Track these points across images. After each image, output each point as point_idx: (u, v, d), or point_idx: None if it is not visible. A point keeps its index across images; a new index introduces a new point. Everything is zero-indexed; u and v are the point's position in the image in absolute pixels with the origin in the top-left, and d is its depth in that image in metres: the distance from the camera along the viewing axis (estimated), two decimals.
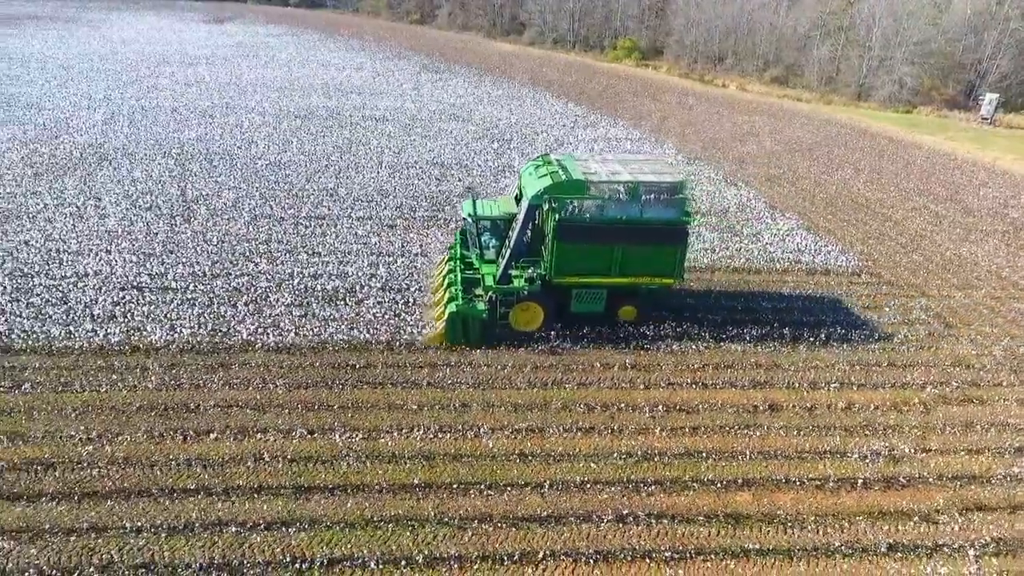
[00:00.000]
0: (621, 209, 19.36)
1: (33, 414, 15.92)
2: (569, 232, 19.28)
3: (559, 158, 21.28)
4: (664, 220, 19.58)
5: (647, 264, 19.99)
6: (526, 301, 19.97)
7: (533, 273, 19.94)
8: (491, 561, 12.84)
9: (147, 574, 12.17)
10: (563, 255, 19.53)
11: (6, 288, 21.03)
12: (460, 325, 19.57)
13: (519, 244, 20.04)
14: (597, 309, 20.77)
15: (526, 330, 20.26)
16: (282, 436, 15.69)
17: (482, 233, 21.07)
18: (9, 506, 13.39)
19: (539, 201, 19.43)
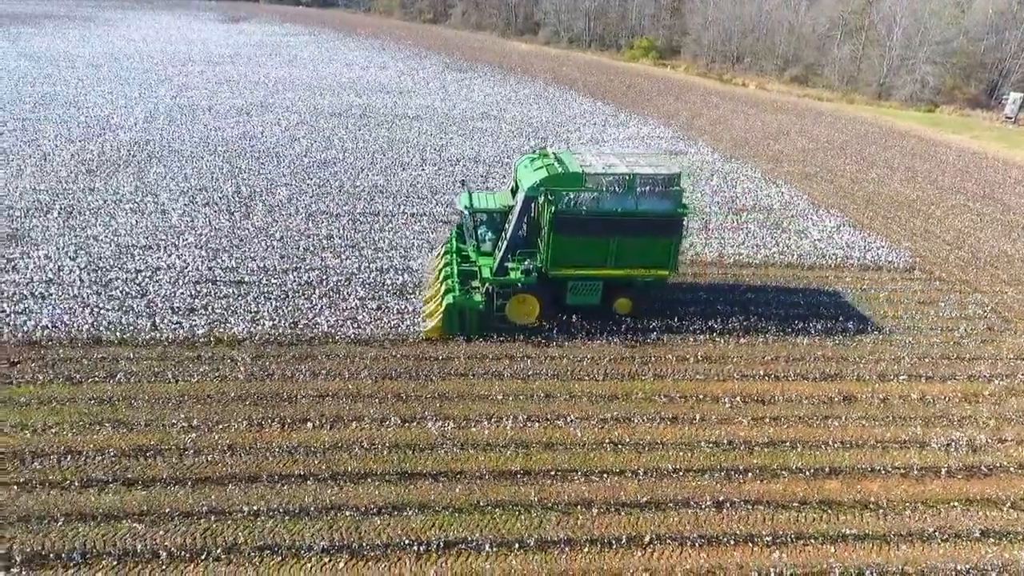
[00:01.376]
0: (617, 201, 19.50)
1: (133, 403, 16.33)
2: (565, 224, 19.46)
3: (555, 151, 21.47)
4: (659, 212, 19.76)
5: (642, 256, 20.20)
6: (522, 293, 20.11)
7: (529, 265, 20.00)
8: (599, 545, 13.22)
9: (271, 555, 12.58)
10: (559, 247, 19.72)
11: (83, 281, 21.52)
12: (457, 317, 19.72)
13: (515, 236, 20.15)
14: (593, 301, 20.94)
15: (523, 322, 20.42)
16: (377, 425, 16.10)
17: (479, 226, 21.14)
18: (127, 491, 13.79)
19: (535, 193, 19.59)
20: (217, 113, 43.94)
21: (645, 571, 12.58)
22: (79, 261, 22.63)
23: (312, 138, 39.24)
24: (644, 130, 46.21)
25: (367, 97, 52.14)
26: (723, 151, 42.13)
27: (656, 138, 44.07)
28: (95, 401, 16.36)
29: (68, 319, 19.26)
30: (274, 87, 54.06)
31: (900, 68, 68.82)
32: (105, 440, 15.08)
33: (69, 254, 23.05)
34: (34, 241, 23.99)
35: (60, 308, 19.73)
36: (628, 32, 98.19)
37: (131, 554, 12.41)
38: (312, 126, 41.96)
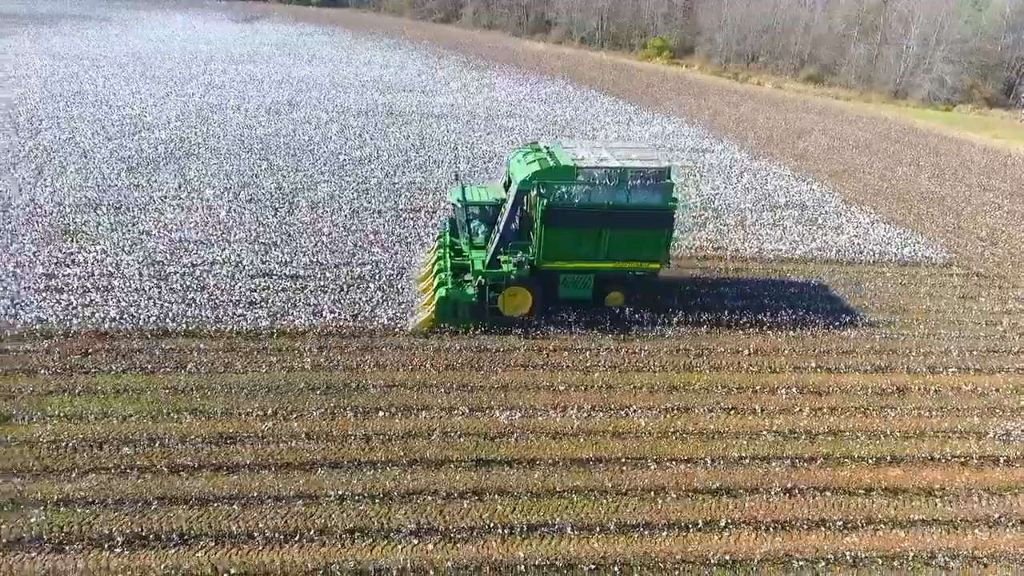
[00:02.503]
0: (608, 194, 19.67)
1: (206, 392, 16.73)
2: (556, 217, 19.64)
3: (548, 145, 21.59)
4: (650, 205, 19.94)
5: (633, 249, 20.38)
6: (515, 286, 20.25)
7: (521, 258, 20.12)
8: (677, 529, 13.58)
9: (362, 537, 12.97)
10: (551, 240, 19.91)
11: (142, 275, 21.93)
12: (450, 309, 19.90)
13: (507, 229, 20.30)
14: (584, 294, 21.08)
15: (515, 315, 20.55)
16: (446, 414, 16.48)
17: (471, 219, 21.28)
18: (214, 475, 14.19)
19: (527, 186, 19.75)
20: (246, 112, 44.31)
21: (725, 554, 12.94)
22: (136, 256, 23.04)
23: (343, 136, 39.59)
24: (669, 128, 46.52)
25: (391, 96, 52.46)
26: (749, 149, 42.41)
27: (681, 136, 44.38)
28: (170, 390, 16.78)
29: (134, 311, 19.72)
30: (298, 86, 54.41)
31: (917, 67, 69.00)
32: (186, 428, 15.51)
33: (125, 249, 23.47)
34: (88, 236, 24.41)
35: (125, 300, 20.20)
36: (641, 31, 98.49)
37: (227, 536, 12.82)
38: (341, 124, 42.32)
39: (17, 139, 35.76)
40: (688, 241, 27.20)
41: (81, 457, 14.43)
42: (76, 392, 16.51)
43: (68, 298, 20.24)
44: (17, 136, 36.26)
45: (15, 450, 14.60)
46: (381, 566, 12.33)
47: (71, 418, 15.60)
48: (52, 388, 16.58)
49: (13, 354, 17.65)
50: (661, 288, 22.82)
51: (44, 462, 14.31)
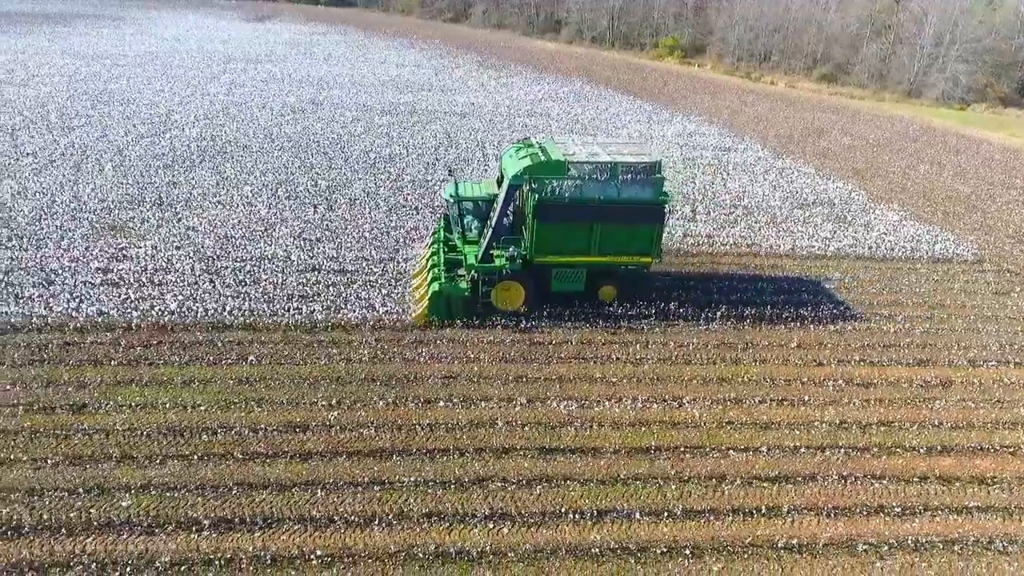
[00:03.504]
0: (599, 189, 19.88)
1: (270, 383, 17.15)
2: (548, 212, 19.80)
3: (540, 140, 21.87)
4: (641, 200, 20.10)
5: (625, 243, 20.50)
6: (507, 280, 20.44)
7: (514, 252, 20.28)
8: (742, 514, 13.97)
9: (439, 521, 13.38)
10: (542, 234, 20.08)
11: (194, 269, 22.37)
12: (443, 304, 20.12)
13: (500, 224, 20.50)
14: (577, 288, 21.24)
15: (508, 309, 20.72)
16: (505, 404, 16.90)
17: (464, 215, 21.49)
18: (289, 462, 14.59)
19: (519, 181, 19.97)
20: (271, 111, 44.76)
21: (791, 538, 13.33)
22: (185, 251, 23.49)
23: (370, 135, 40.02)
24: (690, 127, 46.89)
25: (410, 95, 52.89)
26: (771, 148, 42.78)
27: (704, 134, 44.77)
28: (234, 381, 17.21)
29: (191, 305, 20.15)
30: (319, 85, 54.86)
31: (931, 67, 69.31)
32: (255, 417, 15.93)
33: (174, 244, 23.94)
34: (136, 232, 24.89)
35: (182, 294, 20.65)
36: (652, 31, 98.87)
37: (309, 520, 13.23)
38: (367, 123, 42.77)
39: (51, 137, 36.24)
40: (722, 238, 27.65)
41: (159, 445, 14.87)
42: (144, 383, 16.96)
43: (125, 292, 20.70)
44: (51, 134, 36.75)
45: (93, 438, 15.04)
46: (460, 548, 12.75)
47: (143, 407, 16.04)
48: (120, 379, 17.04)
49: (80, 346, 18.12)
50: (697, 284, 23.37)
51: (122, 449, 14.76)
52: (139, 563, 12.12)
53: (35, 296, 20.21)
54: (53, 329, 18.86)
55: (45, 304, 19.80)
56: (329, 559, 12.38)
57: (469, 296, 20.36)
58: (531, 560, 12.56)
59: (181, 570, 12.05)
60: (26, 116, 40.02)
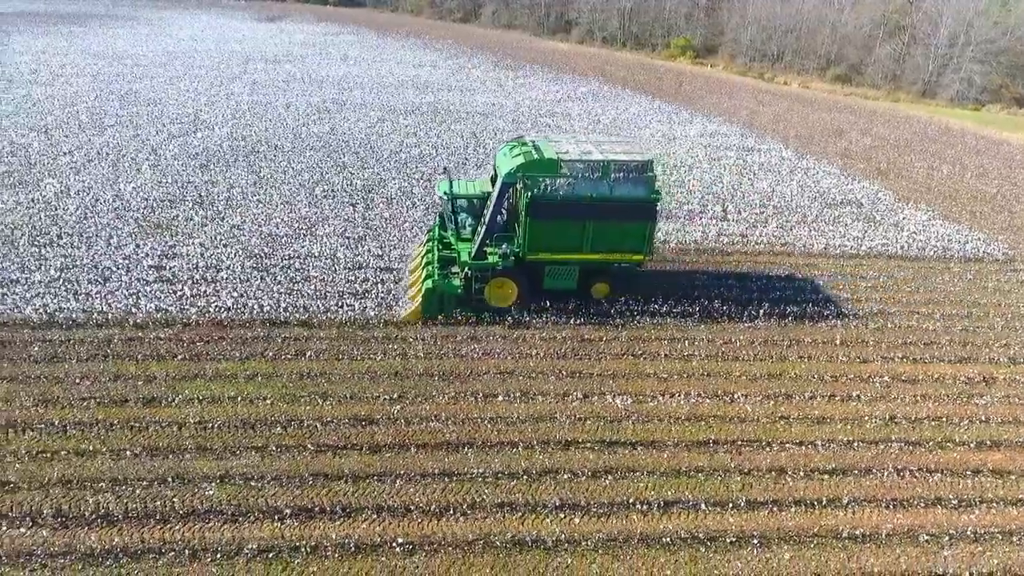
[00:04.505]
0: (591, 187, 20.11)
1: (330, 378, 17.54)
2: (541, 209, 20.02)
3: (534, 139, 22.10)
4: (633, 198, 20.32)
5: (617, 241, 20.72)
6: (500, 277, 20.68)
7: (507, 249, 20.57)
8: (803, 506, 14.33)
9: (511, 511, 13.75)
10: (535, 232, 20.29)
11: (244, 267, 22.78)
12: (436, 301, 20.42)
13: (493, 221, 20.70)
14: (569, 285, 21.48)
15: (501, 306, 20.93)
16: (561, 399, 17.27)
17: (458, 212, 21.77)
18: (360, 454, 14.97)
19: (512, 179, 20.18)
20: (297, 111, 45.17)
21: (854, 528, 13.70)
22: (233, 249, 23.90)
23: (397, 134, 40.44)
24: (710, 127, 47.24)
25: (431, 95, 53.29)
26: (794, 148, 43.12)
27: (725, 135, 45.11)
28: (296, 376, 17.60)
29: (246, 301, 20.55)
30: (340, 85, 55.27)
31: (945, 67, 69.60)
32: (321, 410, 16.31)
33: (222, 242, 24.36)
34: (182, 230, 25.30)
35: (236, 291, 21.06)
36: (664, 31, 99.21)
37: (386, 509, 13.62)
38: (393, 123, 43.17)
39: (84, 136, 36.69)
40: (755, 237, 28.00)
41: (232, 437, 15.27)
42: (208, 377, 17.36)
43: (180, 289, 21.11)
44: (84, 133, 37.20)
45: (166, 430, 15.43)
46: (536, 537, 13.12)
47: (210, 401, 16.44)
48: (185, 373, 17.44)
49: (143, 341, 18.53)
50: (736, 283, 23.77)
51: (196, 441, 15.15)
52: (228, 549, 12.52)
53: (93, 293, 20.66)
54: (113, 325, 19.30)
55: (103, 300, 20.28)
56: (410, 547, 12.77)
57: (462, 293, 20.60)
58: (606, 548, 12.95)
59: (268, 557, 12.45)
60: (57, 116, 40.50)
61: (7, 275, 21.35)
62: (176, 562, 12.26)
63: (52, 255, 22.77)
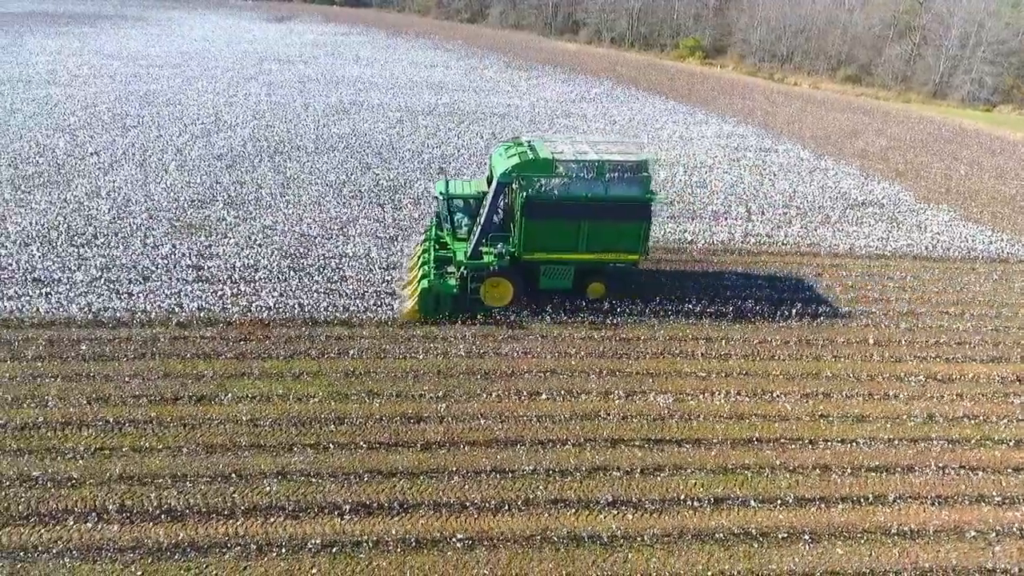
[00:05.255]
0: (586, 187, 20.24)
1: (374, 376, 17.78)
2: (536, 209, 20.17)
3: (530, 139, 22.21)
4: (628, 197, 20.47)
5: (612, 241, 20.83)
6: (496, 277, 20.81)
7: (502, 249, 20.68)
8: (850, 503, 14.58)
9: (565, 507, 13.99)
10: (530, 232, 20.44)
11: (280, 266, 23.02)
12: (432, 301, 20.55)
13: (489, 221, 20.81)
14: (565, 285, 21.60)
15: (497, 306, 21.07)
16: (603, 397, 17.52)
17: (455, 212, 21.91)
18: (414, 451, 15.21)
19: (507, 179, 20.34)
20: (315, 111, 45.41)
21: (902, 525, 13.93)
22: (268, 249, 24.15)
23: (418, 135, 40.68)
24: (726, 128, 47.43)
25: (447, 96, 53.48)
26: (810, 149, 43.31)
27: (742, 136, 45.31)
28: (341, 374, 17.85)
29: (287, 301, 20.80)
30: (355, 86, 55.49)
31: (956, 68, 69.72)
32: (368, 408, 16.56)
33: (256, 242, 24.61)
34: (216, 230, 25.56)
35: (275, 291, 21.31)
36: (672, 31, 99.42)
37: (443, 505, 13.87)
38: (413, 124, 43.40)
39: (109, 137, 36.96)
40: (780, 237, 28.22)
41: (286, 434, 15.52)
42: (255, 375, 17.60)
43: (220, 288, 21.37)
44: (108, 134, 37.47)
45: (220, 428, 15.68)
46: (592, 533, 13.37)
47: (260, 399, 16.68)
48: (232, 372, 17.69)
49: (189, 340, 18.77)
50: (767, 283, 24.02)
51: (249, 438, 15.39)
52: (292, 544, 12.77)
53: (134, 292, 20.93)
54: (157, 324, 19.55)
55: (146, 300, 20.53)
56: (470, 542, 13.02)
57: (458, 293, 20.76)
58: (661, 544, 13.18)
59: (332, 551, 12.70)
60: (80, 117, 40.77)
61: (49, 275, 21.66)
62: (243, 556, 12.52)
63: (91, 255, 23.02)
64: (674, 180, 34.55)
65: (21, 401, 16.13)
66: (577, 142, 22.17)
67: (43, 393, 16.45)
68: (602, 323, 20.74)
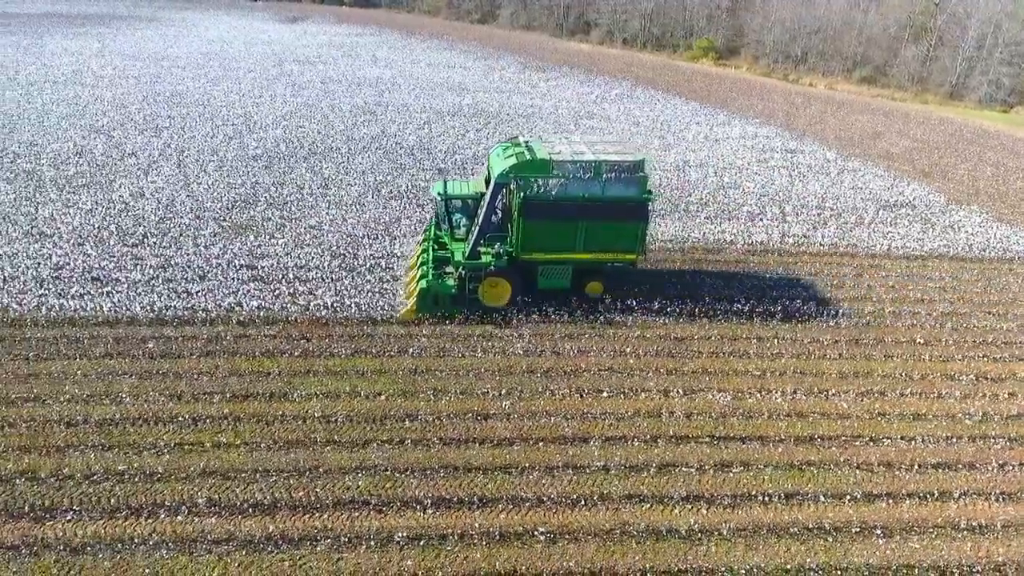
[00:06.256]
0: (583, 187, 20.36)
1: (437, 374, 18.11)
2: (533, 210, 20.33)
3: (527, 139, 22.37)
4: (625, 197, 20.61)
5: (609, 240, 20.99)
6: (494, 276, 20.89)
7: (500, 249, 20.84)
8: (917, 498, 14.86)
9: (640, 502, 14.27)
10: (528, 232, 20.60)
11: (331, 266, 23.37)
12: (431, 300, 20.70)
13: (487, 222, 20.98)
14: (563, 285, 21.73)
15: (495, 305, 21.14)
16: (662, 395, 17.82)
17: (453, 212, 22.07)
18: (485, 448, 15.50)
19: (505, 180, 20.51)
20: (342, 112, 45.77)
21: (970, 520, 14.20)
22: (317, 249, 24.51)
23: (447, 136, 41.02)
24: (750, 129, 47.69)
25: (470, 96, 53.79)
26: (836, 150, 43.56)
27: (767, 137, 45.59)
28: (403, 372, 18.17)
29: (344, 300, 21.13)
30: (377, 87, 55.85)
31: (973, 69, 69.88)
32: (438, 406, 16.89)
33: (304, 242, 24.97)
34: (264, 231, 25.92)
35: (331, 290, 21.64)
36: (684, 32, 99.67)
37: (520, 500, 14.16)
38: (440, 125, 43.73)
39: (143, 138, 37.34)
40: (817, 238, 28.51)
41: (359, 430, 15.85)
42: (321, 373, 17.94)
43: (275, 287, 21.71)
44: (142, 135, 37.85)
45: (293, 424, 16.01)
46: (669, 527, 13.66)
47: (329, 396, 17.02)
48: (297, 369, 18.01)
49: (252, 339, 19.12)
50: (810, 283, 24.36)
51: (324, 434, 15.70)
52: (380, 537, 13.08)
53: (192, 291, 21.28)
54: (219, 322, 19.91)
55: (205, 298, 20.87)
56: (552, 536, 13.31)
57: (456, 293, 20.94)
58: (739, 537, 13.47)
59: (420, 544, 13.01)
60: (112, 117, 41.17)
61: (107, 274, 22.03)
62: (334, 548, 12.83)
63: (145, 254, 23.42)
64: (706, 182, 34.87)
65: (97, 398, 16.50)
66: (574, 142, 22.40)
67: (117, 390, 16.83)
68: (654, 322, 21.05)
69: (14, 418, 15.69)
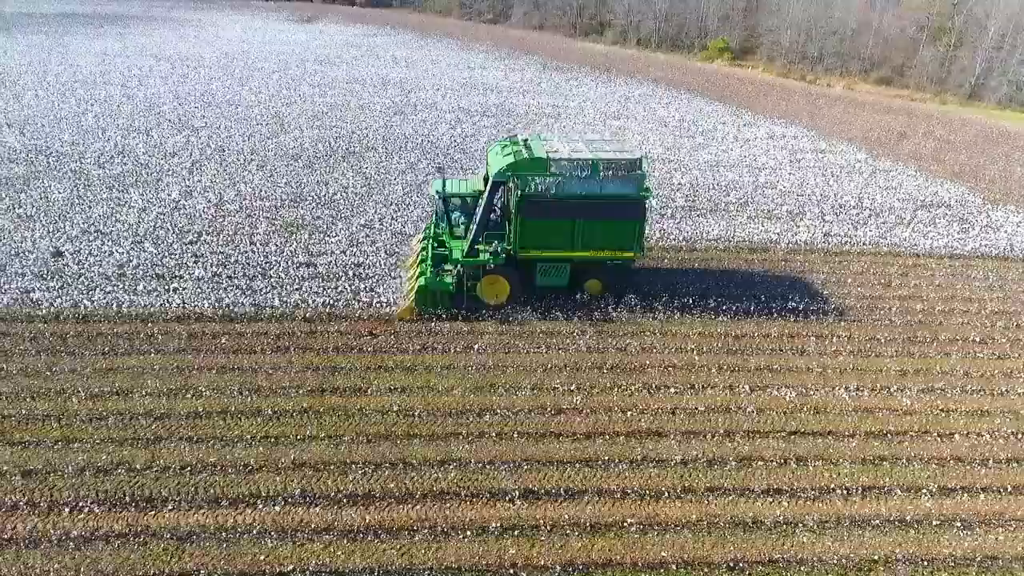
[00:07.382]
0: (581, 185, 20.50)
1: (506, 371, 18.41)
2: (531, 208, 20.50)
3: (526, 138, 22.53)
4: (623, 195, 20.75)
5: (607, 238, 21.13)
6: (493, 274, 21.13)
7: (498, 247, 20.99)
8: (992, 492, 15.13)
9: (722, 495, 14.55)
10: (526, 230, 20.78)
11: (386, 263, 23.72)
12: (429, 298, 20.86)
13: (485, 219, 21.17)
14: (561, 283, 21.92)
15: (494, 303, 21.36)
16: (729, 391, 18.09)
17: (452, 211, 22.26)
18: (565, 442, 15.80)
19: (503, 178, 20.64)
20: (373, 111, 46.13)
21: None
22: (371, 247, 24.90)
23: (480, 135, 41.31)
24: (776, 130, 47.92)
25: (495, 96, 54.08)
26: (865, 150, 43.77)
27: (794, 137, 45.84)
28: (471, 368, 18.51)
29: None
30: (402, 87, 56.20)
31: (992, 70, 70.00)
32: (512, 401, 17.19)
33: (357, 240, 25.35)
34: (317, 229, 26.29)
35: (390, 288, 22.01)
36: (699, 33, 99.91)
37: (606, 492, 14.45)
38: (471, 124, 44.06)
39: (181, 138, 37.75)
40: (859, 237, 28.77)
41: (439, 424, 16.17)
42: (391, 368, 18.28)
43: (335, 284, 22.08)
44: (179, 135, 38.24)
45: (373, 418, 16.33)
46: (753, 519, 13.95)
47: (404, 391, 17.33)
48: (368, 364, 18.37)
49: (321, 334, 19.48)
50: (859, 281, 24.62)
51: (404, 428, 16.04)
52: (475, 527, 13.38)
53: (256, 288, 21.63)
54: (286, 319, 20.26)
55: (270, 295, 21.22)
56: (643, 527, 13.62)
57: (455, 291, 21.13)
58: (825, 529, 13.75)
59: (515, 534, 13.32)
60: (147, 118, 41.55)
61: (170, 271, 22.41)
62: (432, 539, 13.14)
63: (204, 252, 23.81)
64: (742, 181, 35.13)
65: (179, 392, 16.85)
66: (572, 140, 22.60)
67: (196, 384, 17.18)
68: (712, 320, 21.35)
69: (102, 411, 16.08)
